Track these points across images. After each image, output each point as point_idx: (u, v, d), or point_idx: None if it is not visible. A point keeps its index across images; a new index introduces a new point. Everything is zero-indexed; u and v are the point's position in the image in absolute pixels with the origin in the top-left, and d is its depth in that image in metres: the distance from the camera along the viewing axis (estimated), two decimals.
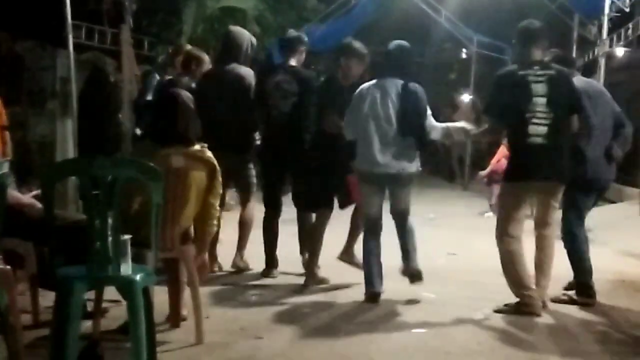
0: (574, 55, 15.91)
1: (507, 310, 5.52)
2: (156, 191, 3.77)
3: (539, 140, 5.44)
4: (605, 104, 5.96)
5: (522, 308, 5.49)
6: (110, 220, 3.63)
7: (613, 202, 12.41)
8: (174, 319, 4.90)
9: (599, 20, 14.06)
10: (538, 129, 5.43)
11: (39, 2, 12.95)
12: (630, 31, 13.03)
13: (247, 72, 6.46)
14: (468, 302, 5.70)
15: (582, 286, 5.85)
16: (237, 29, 6.92)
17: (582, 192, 5.89)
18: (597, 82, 6.03)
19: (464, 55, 17.81)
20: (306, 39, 6.67)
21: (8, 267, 4.12)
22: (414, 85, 5.74)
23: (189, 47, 7.04)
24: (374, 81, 5.82)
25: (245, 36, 6.65)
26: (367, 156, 5.69)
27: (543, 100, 5.43)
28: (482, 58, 16.97)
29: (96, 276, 3.69)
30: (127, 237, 3.66)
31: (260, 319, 5.23)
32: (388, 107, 5.67)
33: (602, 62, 13.80)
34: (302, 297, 5.85)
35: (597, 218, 5.97)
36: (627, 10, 13.18)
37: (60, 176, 4.07)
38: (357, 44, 6.27)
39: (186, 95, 4.87)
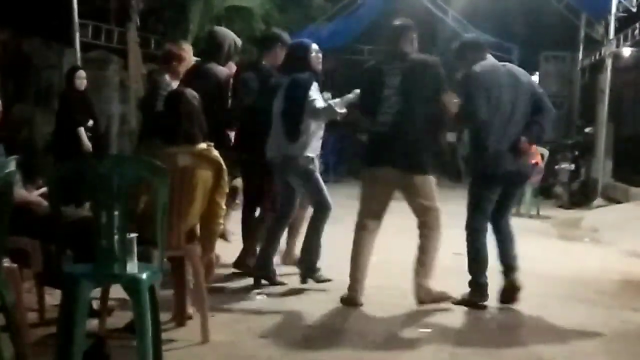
0: (580, 54, 15.95)
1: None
2: (162, 190, 3.78)
3: (384, 129, 5.65)
4: (516, 92, 5.65)
5: (345, 299, 5.65)
6: (116, 219, 3.64)
7: (619, 202, 12.39)
8: (180, 317, 4.90)
9: (605, 20, 14.05)
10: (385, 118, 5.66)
11: (45, 1, 12.97)
12: (637, 31, 13.01)
13: (222, 71, 6.44)
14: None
15: (475, 285, 5.71)
16: (220, 29, 7.00)
17: (483, 186, 5.74)
18: (510, 68, 5.80)
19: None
20: (284, 37, 6.65)
21: (14, 265, 4.13)
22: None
23: (184, 45, 6.99)
24: None
25: (228, 36, 6.66)
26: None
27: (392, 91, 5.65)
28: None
29: (102, 274, 3.70)
30: (133, 235, 3.67)
31: (266, 319, 5.23)
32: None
33: (609, 61, 13.78)
34: (308, 298, 5.84)
35: (603, 218, 5.94)
36: (634, 10, 13.17)
37: (67, 174, 4.07)
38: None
39: (191, 93, 4.87)
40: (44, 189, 5.12)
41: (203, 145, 4.67)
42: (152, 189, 3.88)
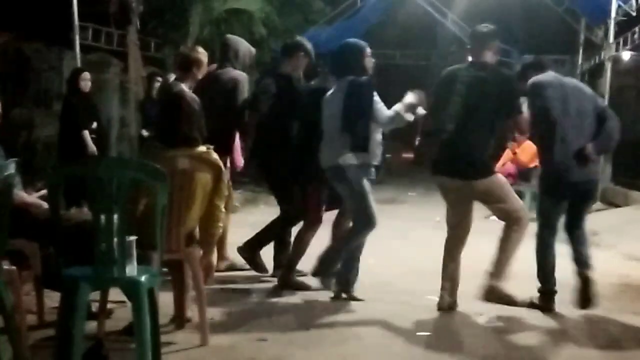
0: (580, 58, 15.97)
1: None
2: (161, 193, 3.77)
3: (448, 136, 5.62)
4: (581, 103, 5.70)
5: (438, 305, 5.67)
6: (115, 222, 3.63)
7: (619, 206, 12.39)
8: (179, 320, 4.90)
9: (605, 24, 14.08)
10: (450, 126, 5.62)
11: (45, 4, 12.98)
12: (636, 35, 13.03)
13: (240, 75, 6.47)
14: (473, 305, 5.69)
15: (544, 292, 5.76)
16: (233, 37, 7.02)
17: (551, 199, 5.77)
18: (572, 80, 5.83)
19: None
20: (307, 45, 6.60)
21: (14, 267, 4.13)
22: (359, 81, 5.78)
23: (199, 49, 6.95)
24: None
25: (243, 44, 6.72)
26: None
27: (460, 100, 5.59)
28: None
29: (101, 277, 3.69)
30: (132, 238, 3.67)
31: (265, 321, 5.23)
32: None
33: (608, 65, 13.78)
34: (307, 299, 5.84)
35: (602, 222, 5.94)
36: (634, 14, 13.18)
37: (67, 177, 4.07)
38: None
39: (191, 96, 4.88)
40: (43, 192, 5.12)
41: (202, 148, 4.67)
42: (152, 192, 3.88)
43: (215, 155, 4.67)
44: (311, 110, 5.95)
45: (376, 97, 5.69)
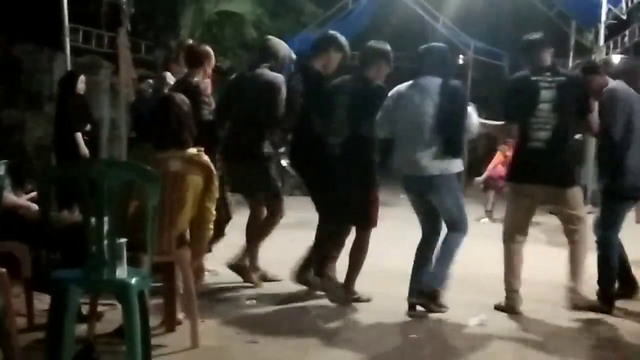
0: (570, 61, 16.01)
1: (498, 307, 5.72)
2: (152, 195, 3.77)
3: (539, 145, 5.56)
4: None
5: (504, 307, 5.68)
6: (106, 224, 3.63)
7: None
8: (169, 323, 4.89)
9: (595, 27, 14.10)
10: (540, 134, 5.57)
11: (36, 5, 12.95)
12: (627, 38, 13.08)
13: (277, 77, 6.18)
14: (464, 307, 5.69)
15: (606, 295, 5.80)
16: (274, 39, 6.65)
17: (619, 204, 5.84)
18: (631, 89, 5.88)
19: (460, 61, 17.83)
20: (340, 40, 6.27)
21: (3, 269, 4.12)
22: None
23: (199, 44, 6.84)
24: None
25: (283, 47, 6.46)
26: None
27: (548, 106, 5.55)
28: (478, 64, 17.00)
29: (92, 279, 3.68)
30: (122, 240, 3.66)
31: (256, 324, 5.22)
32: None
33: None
34: (298, 303, 5.83)
35: (591, 225, 5.95)
36: (624, 17, 13.23)
37: (57, 179, 4.06)
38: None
39: (180, 97, 4.87)
40: (33, 194, 5.11)
41: (193, 150, 4.67)
42: (143, 194, 3.87)
43: (206, 157, 4.66)
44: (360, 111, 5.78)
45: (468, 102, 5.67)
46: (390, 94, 5.68)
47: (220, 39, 15.94)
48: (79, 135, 8.95)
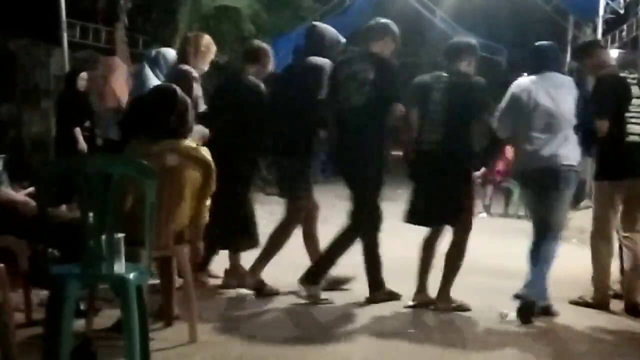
0: (568, 56, 16.01)
1: (582, 303, 5.81)
2: (150, 190, 3.75)
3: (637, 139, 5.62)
4: None
5: (594, 303, 5.77)
6: (104, 219, 3.62)
7: None
8: (167, 317, 4.88)
9: (593, 21, 14.11)
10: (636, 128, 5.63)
11: (33, 0, 12.92)
12: (624, 33, 13.07)
13: (324, 62, 5.89)
14: (468, 302, 5.69)
15: None
16: (321, 24, 6.36)
17: None
18: None
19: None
20: (393, 27, 5.93)
21: (1, 265, 4.11)
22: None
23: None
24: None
25: (329, 31, 6.12)
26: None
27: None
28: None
29: (89, 274, 3.67)
30: (120, 235, 3.65)
31: (254, 319, 5.22)
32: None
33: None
34: (296, 298, 5.83)
35: (590, 220, 5.95)
36: (622, 12, 13.23)
37: (55, 174, 4.05)
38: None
39: (181, 94, 4.83)
40: (31, 189, 5.10)
41: (191, 144, 4.64)
42: (140, 188, 3.86)
43: (203, 151, 4.64)
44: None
45: None
46: (512, 91, 5.62)
47: (218, 33, 15.91)
48: (77, 130, 8.98)
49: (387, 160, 5.85)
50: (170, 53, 6.41)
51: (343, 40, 6.16)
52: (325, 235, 5.99)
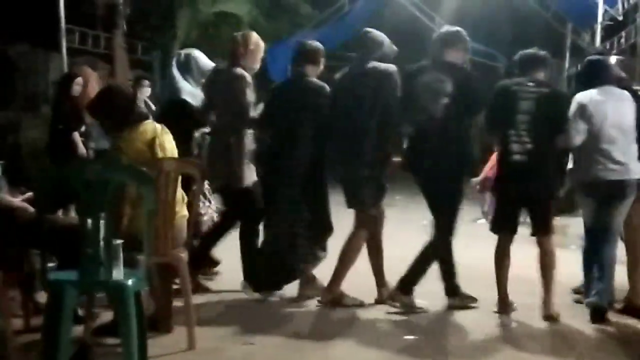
0: (566, 62, 16.04)
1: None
2: (148, 196, 3.76)
3: None
4: None
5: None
6: (102, 225, 3.62)
7: None
8: (166, 324, 4.87)
9: (592, 28, 14.11)
10: None
11: (32, 6, 12.93)
12: (623, 39, 13.08)
13: (390, 67, 5.72)
14: (467, 308, 5.69)
15: None
16: (375, 31, 6.02)
17: None
18: None
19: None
20: (466, 37, 5.88)
21: None
22: None
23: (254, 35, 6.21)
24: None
25: (384, 38, 5.92)
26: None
27: None
28: (474, 65, 17.00)
29: (88, 281, 3.67)
30: (119, 241, 3.65)
31: (252, 325, 5.21)
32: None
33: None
34: (295, 304, 5.82)
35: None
36: (620, 18, 13.23)
37: (53, 180, 4.06)
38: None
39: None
40: (29, 194, 5.10)
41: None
42: (138, 195, 3.86)
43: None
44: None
45: None
46: (582, 103, 5.56)
47: (216, 39, 15.94)
48: (76, 134, 8.96)
49: (469, 170, 5.89)
50: (203, 57, 6.30)
51: (395, 48, 6.02)
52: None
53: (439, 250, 5.70)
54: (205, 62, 6.27)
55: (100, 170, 3.77)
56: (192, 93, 6.09)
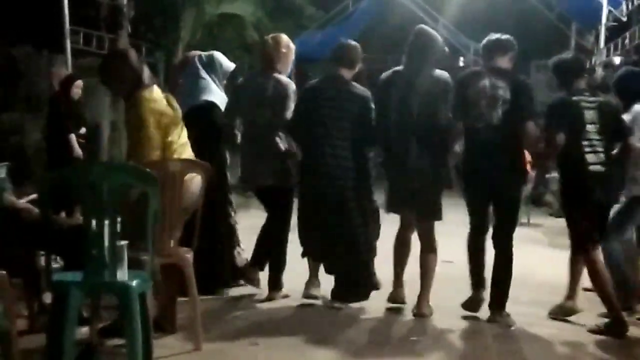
0: None
1: None
2: (152, 197, 3.75)
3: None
4: None
5: None
6: (106, 226, 3.61)
7: None
8: (171, 325, 4.86)
9: (596, 29, 14.12)
10: None
11: (36, 8, 12.95)
12: (627, 40, 13.08)
13: (444, 74, 5.66)
14: (462, 310, 5.68)
15: None
16: (428, 29, 5.92)
17: None
18: None
19: (461, 64, 17.85)
20: (515, 45, 5.76)
21: (3, 272, 4.10)
22: None
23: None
24: None
25: (438, 38, 5.82)
26: None
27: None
28: (478, 66, 16.99)
29: (92, 282, 3.67)
30: (123, 242, 3.65)
31: (257, 326, 5.21)
32: None
33: (599, 71, 13.83)
34: (299, 305, 5.81)
35: None
36: (624, 19, 13.24)
37: (58, 181, 4.05)
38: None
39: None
40: (33, 196, 5.10)
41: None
42: (143, 196, 3.85)
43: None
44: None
45: None
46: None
47: (221, 40, 15.96)
48: (72, 137, 8.96)
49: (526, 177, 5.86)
50: (224, 58, 6.20)
51: (447, 49, 5.97)
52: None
53: (511, 257, 5.60)
54: (227, 63, 6.20)
55: (105, 171, 3.77)
56: (221, 96, 6.02)
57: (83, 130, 9.37)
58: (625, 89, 5.85)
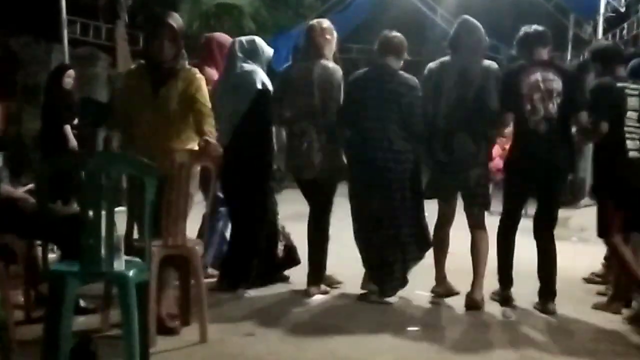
0: (568, 54, 16.01)
1: None
2: (149, 188, 3.75)
3: None
4: None
5: None
6: (103, 216, 3.61)
7: None
8: (184, 317, 4.82)
9: (594, 20, 14.12)
10: None
11: None
12: (625, 31, 13.08)
13: (492, 65, 5.70)
14: (462, 300, 5.69)
15: None
16: (472, 19, 5.96)
17: None
18: None
19: None
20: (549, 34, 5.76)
21: (0, 262, 4.11)
22: None
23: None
24: None
25: (481, 28, 5.85)
26: None
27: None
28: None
29: (89, 272, 3.67)
30: (120, 233, 3.65)
31: (253, 316, 5.21)
32: None
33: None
34: (294, 296, 5.82)
35: (590, 218, 5.95)
36: (623, 10, 13.24)
37: (55, 171, 4.05)
38: None
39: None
40: (30, 186, 5.10)
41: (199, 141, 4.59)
42: (140, 187, 3.85)
43: (214, 144, 4.56)
44: None
45: None
46: None
47: (219, 30, 15.91)
48: (67, 127, 8.93)
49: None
50: (264, 43, 6.02)
51: (487, 40, 5.95)
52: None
53: (555, 247, 5.64)
54: (268, 49, 6.02)
55: (102, 162, 3.77)
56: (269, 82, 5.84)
57: (76, 121, 9.33)
58: None
